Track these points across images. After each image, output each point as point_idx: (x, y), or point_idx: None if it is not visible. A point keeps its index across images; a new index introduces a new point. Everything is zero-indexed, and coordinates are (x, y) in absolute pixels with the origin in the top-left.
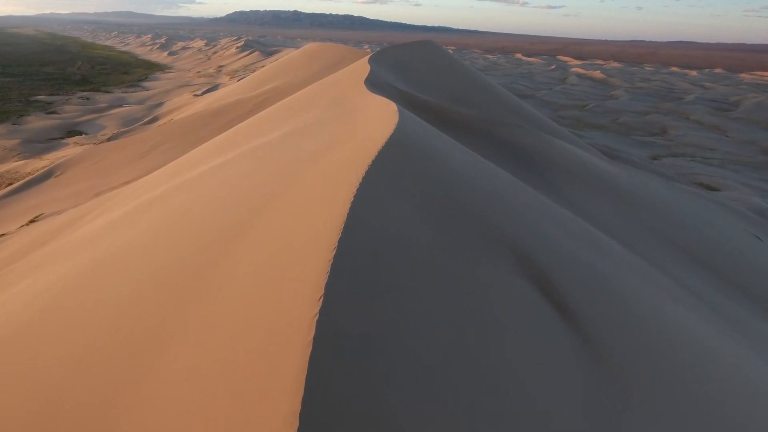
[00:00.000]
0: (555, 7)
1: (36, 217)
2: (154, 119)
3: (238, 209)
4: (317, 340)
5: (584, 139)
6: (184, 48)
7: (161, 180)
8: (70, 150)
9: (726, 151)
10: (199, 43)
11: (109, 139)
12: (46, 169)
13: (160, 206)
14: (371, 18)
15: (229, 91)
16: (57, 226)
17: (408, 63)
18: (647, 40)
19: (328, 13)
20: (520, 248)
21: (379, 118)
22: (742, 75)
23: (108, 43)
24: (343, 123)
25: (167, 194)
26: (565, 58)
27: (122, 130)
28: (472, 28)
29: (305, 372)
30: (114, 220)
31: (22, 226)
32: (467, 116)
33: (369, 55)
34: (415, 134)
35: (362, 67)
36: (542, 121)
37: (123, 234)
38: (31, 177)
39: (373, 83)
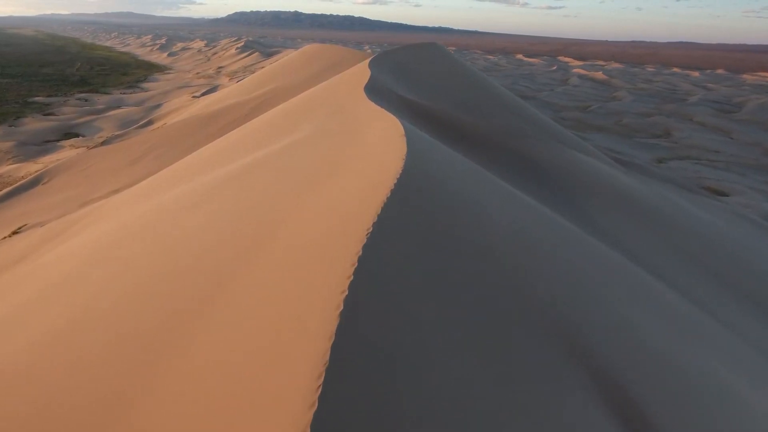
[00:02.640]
0: (555, 8)
1: (19, 228)
2: (149, 122)
3: (234, 238)
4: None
5: (587, 141)
6: (183, 49)
7: (153, 191)
8: (66, 153)
9: (731, 153)
10: (199, 44)
11: (103, 143)
12: (33, 175)
13: (157, 220)
14: (372, 19)
15: (226, 94)
16: (38, 240)
17: (411, 67)
18: (647, 40)
19: (328, 13)
20: (567, 325)
21: (383, 144)
22: (745, 76)
23: (108, 43)
24: (343, 145)
25: (163, 208)
26: (566, 59)
27: (116, 133)
28: (473, 29)
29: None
30: (108, 232)
31: (5, 237)
32: (477, 126)
33: (369, 59)
34: (429, 168)
35: (362, 71)
36: (555, 129)
37: (130, 242)
38: (17, 184)
39: (374, 90)
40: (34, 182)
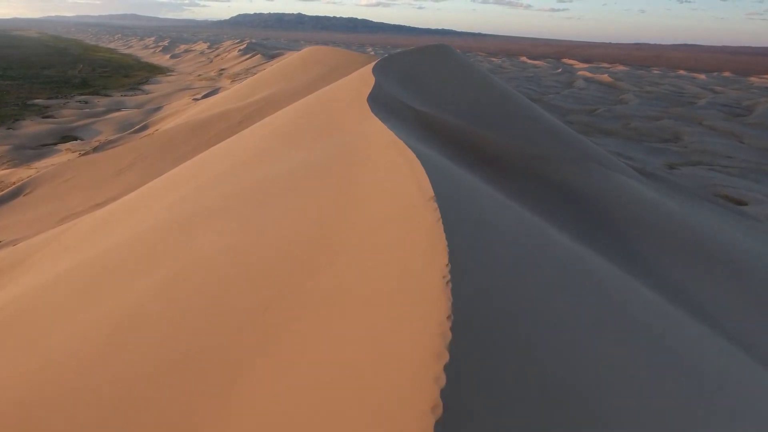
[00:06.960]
0: (558, 10)
1: None
2: (144, 127)
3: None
4: None
5: (599, 146)
6: (186, 51)
7: (137, 209)
8: (62, 157)
9: (744, 158)
10: (201, 46)
11: (94, 150)
12: (14, 186)
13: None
14: (375, 21)
15: (220, 99)
16: (16, 259)
17: (419, 71)
18: (651, 42)
19: (331, 15)
20: None
21: (394, 192)
22: (752, 78)
23: (111, 45)
24: (345, 180)
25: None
26: (571, 62)
27: (109, 139)
28: (475, 31)
29: None
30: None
31: None
32: (502, 146)
33: (373, 64)
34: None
35: (366, 78)
36: (593, 150)
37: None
38: None
39: (379, 102)
40: (16, 193)
